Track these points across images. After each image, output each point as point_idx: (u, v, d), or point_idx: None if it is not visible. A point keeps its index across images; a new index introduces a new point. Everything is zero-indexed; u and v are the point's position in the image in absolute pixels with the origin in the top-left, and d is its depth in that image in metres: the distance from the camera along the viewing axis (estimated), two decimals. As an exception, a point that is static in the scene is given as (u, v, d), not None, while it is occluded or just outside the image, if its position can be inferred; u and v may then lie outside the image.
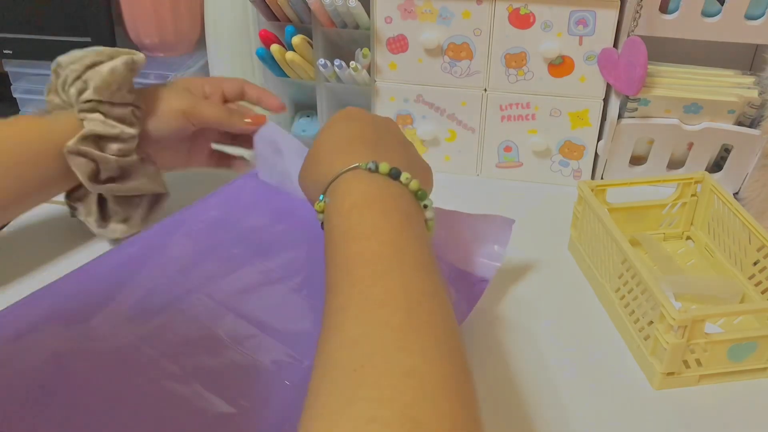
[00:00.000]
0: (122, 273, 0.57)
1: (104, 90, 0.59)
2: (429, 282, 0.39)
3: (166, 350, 0.50)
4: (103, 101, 0.60)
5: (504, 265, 0.66)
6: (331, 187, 0.46)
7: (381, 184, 0.45)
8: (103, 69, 0.60)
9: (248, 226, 0.63)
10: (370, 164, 0.45)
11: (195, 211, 0.64)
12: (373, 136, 0.49)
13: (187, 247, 0.60)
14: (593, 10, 0.71)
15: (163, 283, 0.56)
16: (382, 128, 0.52)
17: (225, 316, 0.53)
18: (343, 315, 0.36)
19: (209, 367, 0.49)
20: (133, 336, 0.51)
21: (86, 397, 0.46)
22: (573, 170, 0.80)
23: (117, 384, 0.47)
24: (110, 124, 0.60)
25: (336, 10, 0.74)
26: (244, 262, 0.58)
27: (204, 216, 0.64)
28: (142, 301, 0.54)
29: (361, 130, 0.50)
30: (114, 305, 0.53)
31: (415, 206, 0.46)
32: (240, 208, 0.65)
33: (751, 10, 0.70)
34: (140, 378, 0.48)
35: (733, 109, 0.73)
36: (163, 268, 0.57)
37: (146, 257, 0.58)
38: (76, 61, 0.61)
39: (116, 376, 0.48)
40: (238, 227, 0.63)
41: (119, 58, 0.61)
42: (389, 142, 0.50)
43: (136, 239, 0.61)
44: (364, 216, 0.42)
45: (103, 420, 0.45)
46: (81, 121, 0.60)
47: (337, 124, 0.52)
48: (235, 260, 0.59)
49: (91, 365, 0.48)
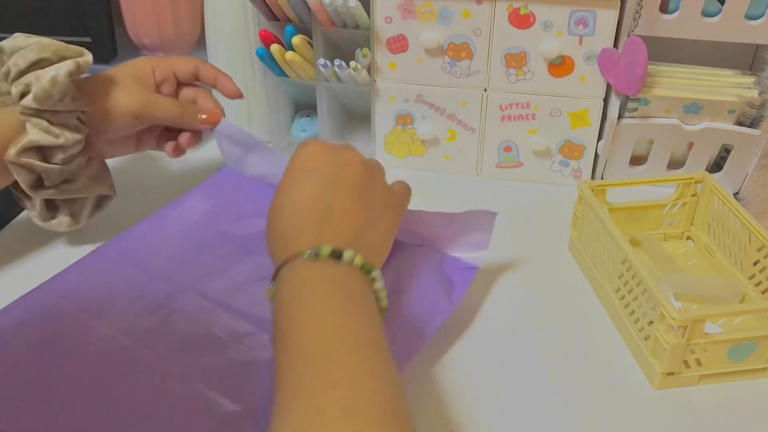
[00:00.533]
0: (112, 274, 0.57)
1: (45, 100, 0.56)
2: (376, 359, 0.40)
3: (164, 351, 0.50)
4: (46, 110, 0.57)
5: (504, 265, 0.66)
6: (278, 275, 0.46)
7: (322, 269, 0.45)
8: (45, 78, 0.56)
9: (234, 222, 0.63)
10: (310, 251, 0.45)
11: (179, 208, 0.64)
12: (321, 203, 0.49)
13: (174, 247, 0.60)
14: (593, 10, 0.71)
15: (155, 284, 0.56)
16: (334, 183, 0.50)
17: (220, 314, 0.53)
18: (289, 404, 0.37)
19: (211, 366, 0.49)
20: (129, 338, 0.51)
21: (87, 400, 0.46)
22: (573, 170, 0.80)
23: (119, 387, 0.47)
24: (54, 132, 0.57)
25: (336, 10, 0.74)
26: (234, 259, 0.59)
27: (189, 213, 0.63)
28: (135, 302, 0.54)
29: (311, 194, 0.49)
30: (108, 307, 0.53)
31: (361, 282, 0.46)
32: (225, 203, 0.65)
33: (751, 10, 0.70)
34: (144, 381, 0.48)
35: (733, 109, 0.73)
36: (153, 268, 0.57)
37: (134, 257, 0.58)
38: (20, 54, 0.57)
39: (118, 379, 0.48)
40: (225, 223, 0.62)
41: (63, 64, 0.57)
42: (340, 204, 0.49)
43: (120, 240, 0.60)
44: (305, 304, 0.42)
45: (107, 425, 0.45)
46: (23, 123, 0.57)
47: (292, 184, 0.51)
48: (227, 258, 0.59)
49: (91, 369, 0.48)
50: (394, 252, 0.55)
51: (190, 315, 0.53)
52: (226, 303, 0.54)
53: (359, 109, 0.88)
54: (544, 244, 0.70)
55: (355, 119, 0.91)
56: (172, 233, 0.61)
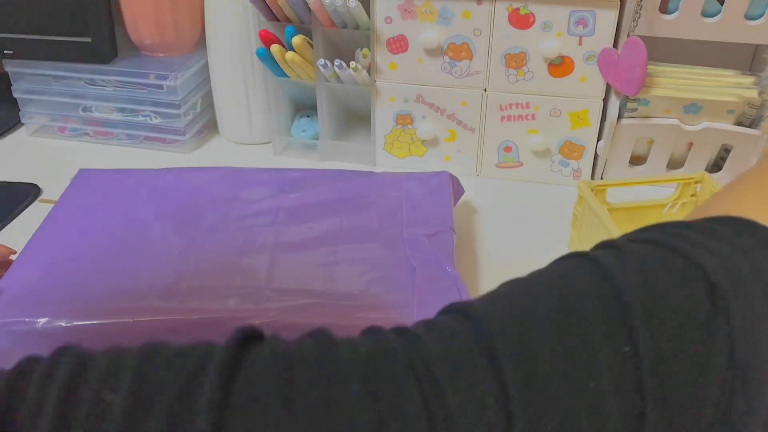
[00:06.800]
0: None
1: None
2: None
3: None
4: None
5: (504, 265, 0.66)
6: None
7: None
8: None
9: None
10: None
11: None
12: None
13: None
14: (593, 10, 0.71)
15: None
16: None
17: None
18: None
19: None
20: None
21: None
22: (573, 170, 0.81)
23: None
24: None
25: (336, 11, 0.74)
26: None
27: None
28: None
29: None
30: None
31: None
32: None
33: (750, 10, 0.70)
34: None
35: (732, 109, 0.73)
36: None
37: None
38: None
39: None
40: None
41: None
42: None
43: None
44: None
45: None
46: None
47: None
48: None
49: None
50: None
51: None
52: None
53: (359, 109, 0.88)
54: (544, 244, 0.70)
55: (355, 119, 0.91)
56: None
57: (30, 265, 0.58)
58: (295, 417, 0.23)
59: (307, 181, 0.69)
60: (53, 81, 0.89)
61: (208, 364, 0.24)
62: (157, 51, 0.89)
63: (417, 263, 0.58)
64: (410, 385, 0.24)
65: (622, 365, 0.25)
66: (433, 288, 0.56)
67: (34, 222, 0.64)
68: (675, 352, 0.25)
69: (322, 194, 0.67)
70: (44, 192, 0.80)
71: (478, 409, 0.24)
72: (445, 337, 0.26)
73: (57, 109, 0.91)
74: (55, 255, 0.60)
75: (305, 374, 0.25)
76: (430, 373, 0.25)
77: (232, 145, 0.91)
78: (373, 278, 0.57)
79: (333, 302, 0.55)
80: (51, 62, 0.87)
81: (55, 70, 0.88)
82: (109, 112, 0.90)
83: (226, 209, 0.66)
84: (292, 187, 0.69)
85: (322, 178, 0.70)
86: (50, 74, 0.89)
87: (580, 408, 0.24)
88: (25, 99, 0.91)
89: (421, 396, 0.24)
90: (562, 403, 0.24)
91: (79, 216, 0.65)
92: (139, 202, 0.67)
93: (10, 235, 0.70)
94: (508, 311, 0.27)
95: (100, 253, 0.60)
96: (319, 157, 0.87)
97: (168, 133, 0.88)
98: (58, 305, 0.53)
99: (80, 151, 0.90)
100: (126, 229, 0.63)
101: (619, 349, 0.25)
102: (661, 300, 0.26)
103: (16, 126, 0.94)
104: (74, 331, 0.51)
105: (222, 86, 0.87)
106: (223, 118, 0.90)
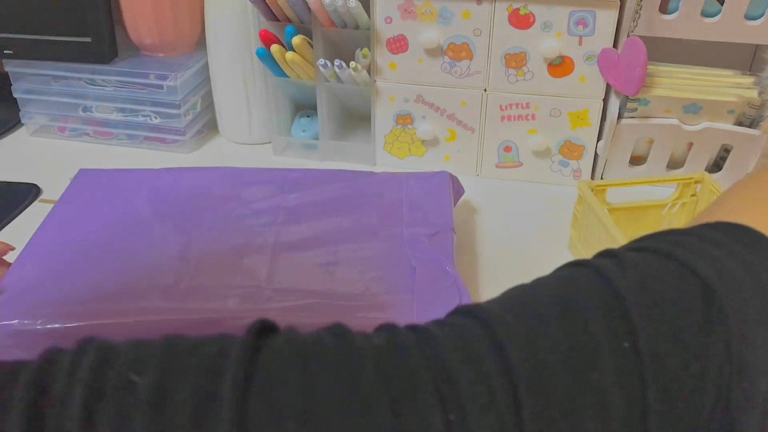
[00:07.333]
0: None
1: None
2: None
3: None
4: None
5: (503, 265, 0.66)
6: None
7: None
8: None
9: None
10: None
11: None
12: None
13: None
14: (593, 10, 0.71)
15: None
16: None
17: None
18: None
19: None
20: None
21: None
22: (573, 170, 0.81)
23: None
24: None
25: (336, 11, 0.74)
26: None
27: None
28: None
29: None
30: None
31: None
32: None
33: (750, 10, 0.70)
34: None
35: (732, 109, 0.73)
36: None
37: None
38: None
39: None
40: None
41: None
42: None
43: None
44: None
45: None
46: None
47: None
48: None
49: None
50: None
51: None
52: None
53: (359, 109, 0.88)
54: (544, 244, 0.70)
55: (355, 119, 0.91)
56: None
57: (30, 265, 0.58)
58: (314, 397, 0.25)
59: (307, 181, 0.69)
60: (53, 81, 0.89)
61: (231, 349, 0.26)
62: (157, 51, 0.89)
63: (417, 263, 0.58)
64: (423, 372, 0.26)
65: (623, 358, 0.27)
66: (433, 288, 0.56)
67: (34, 222, 0.64)
68: (673, 346, 0.27)
69: (322, 194, 0.67)
70: (44, 192, 0.80)
71: (488, 396, 0.25)
72: (456, 332, 0.28)
73: (57, 109, 0.91)
74: (55, 255, 0.60)
75: (323, 357, 0.26)
76: (442, 363, 0.26)
77: (232, 145, 0.91)
78: (373, 278, 0.57)
79: (333, 302, 0.55)
80: (51, 62, 0.87)
81: (55, 70, 0.88)
82: (109, 112, 0.90)
83: (226, 209, 0.65)
84: (292, 187, 0.68)
85: (322, 178, 0.70)
86: (50, 74, 0.89)
87: (584, 398, 0.26)
88: (25, 99, 0.91)
89: (433, 383, 0.25)
90: (567, 393, 0.26)
91: (79, 216, 0.65)
92: (139, 202, 0.67)
93: (10, 235, 0.70)
94: (514, 311, 0.29)
95: (100, 253, 0.60)
96: (319, 157, 0.87)
97: (168, 133, 0.88)
98: (57, 305, 0.53)
99: (80, 151, 0.90)
100: (126, 229, 0.63)
101: (619, 344, 0.27)
102: (658, 300, 0.28)
103: (16, 126, 0.94)
104: (74, 330, 0.51)
105: (222, 86, 0.87)
106: (223, 118, 0.90)
